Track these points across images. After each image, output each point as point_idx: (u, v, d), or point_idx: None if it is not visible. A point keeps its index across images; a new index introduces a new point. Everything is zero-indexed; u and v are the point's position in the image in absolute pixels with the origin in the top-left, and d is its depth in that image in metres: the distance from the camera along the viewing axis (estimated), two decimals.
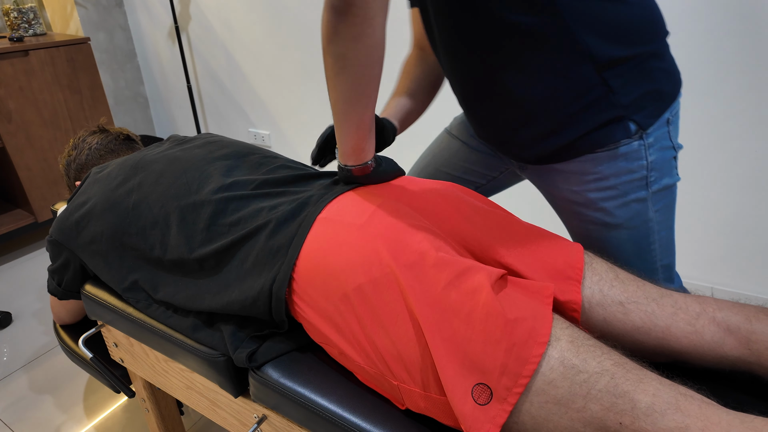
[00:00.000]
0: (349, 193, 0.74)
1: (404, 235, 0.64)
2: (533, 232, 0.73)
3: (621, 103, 0.69)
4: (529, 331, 0.55)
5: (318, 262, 0.65)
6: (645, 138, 0.71)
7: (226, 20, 2.22)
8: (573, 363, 0.54)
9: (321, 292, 0.65)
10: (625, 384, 0.52)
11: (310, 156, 0.80)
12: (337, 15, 0.57)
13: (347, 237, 0.65)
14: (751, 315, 0.63)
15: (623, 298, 0.67)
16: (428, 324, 0.57)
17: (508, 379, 0.54)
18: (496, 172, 0.99)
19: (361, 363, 0.64)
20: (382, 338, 0.61)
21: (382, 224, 0.65)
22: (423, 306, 0.58)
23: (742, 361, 0.63)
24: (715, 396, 0.56)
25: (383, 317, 0.60)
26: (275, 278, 0.67)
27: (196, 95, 2.54)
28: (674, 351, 0.65)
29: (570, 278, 0.68)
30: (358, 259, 0.62)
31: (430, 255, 0.61)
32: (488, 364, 0.55)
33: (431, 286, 0.59)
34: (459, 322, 0.57)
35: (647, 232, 0.78)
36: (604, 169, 0.73)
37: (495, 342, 0.55)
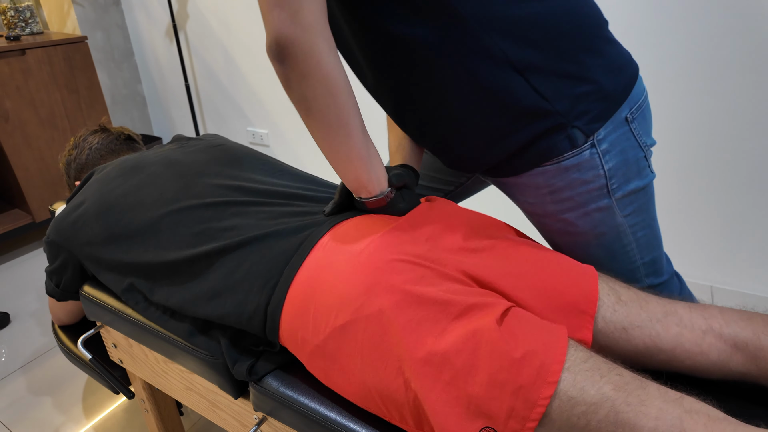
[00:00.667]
0: (354, 219, 0.70)
1: (402, 270, 0.60)
2: (544, 260, 0.68)
3: (557, 110, 0.63)
4: (537, 369, 0.52)
5: (307, 295, 0.62)
6: (598, 145, 0.66)
7: (224, 19, 2.22)
8: (570, 395, 0.51)
9: (310, 326, 0.62)
10: (627, 411, 0.50)
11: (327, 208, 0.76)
12: (279, 63, 0.57)
13: (344, 267, 0.61)
14: (760, 330, 0.61)
15: (626, 324, 0.64)
16: (424, 369, 0.54)
17: (515, 422, 0.52)
18: (463, 178, 0.96)
19: (349, 391, 0.61)
20: (371, 378, 0.58)
21: (382, 256, 0.61)
22: (418, 349, 0.55)
23: (749, 376, 0.62)
24: (721, 402, 0.54)
25: (373, 357, 0.58)
26: (270, 299, 0.65)
27: (194, 94, 2.53)
28: (679, 369, 0.64)
29: (583, 312, 0.63)
30: (351, 294, 0.59)
31: (429, 294, 0.58)
32: (494, 409, 0.52)
33: (429, 326, 0.56)
34: (462, 363, 0.54)
35: (618, 236, 0.74)
36: (557, 182, 0.69)
37: (500, 385, 0.52)
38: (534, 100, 0.63)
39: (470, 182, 0.97)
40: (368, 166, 0.67)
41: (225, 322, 0.69)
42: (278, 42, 0.55)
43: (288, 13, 0.54)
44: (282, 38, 0.55)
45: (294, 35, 0.55)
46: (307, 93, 0.58)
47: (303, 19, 0.55)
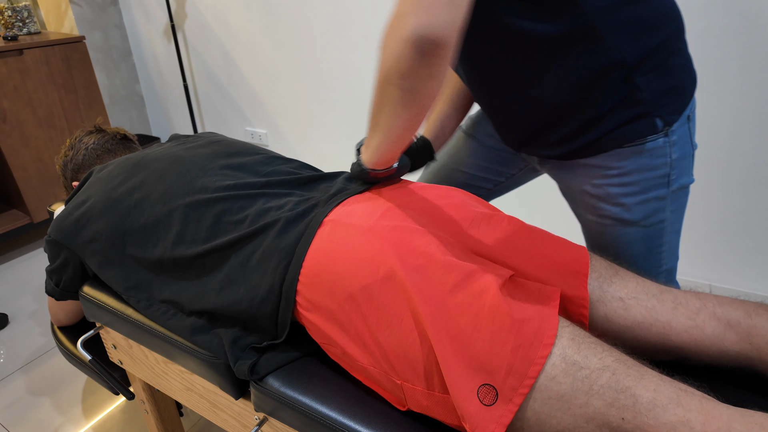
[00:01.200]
0: (357, 196, 0.74)
1: (411, 238, 0.64)
2: (537, 233, 0.73)
3: (647, 100, 0.69)
4: (535, 332, 0.55)
5: (325, 262, 0.65)
6: (670, 135, 0.72)
7: (223, 18, 2.21)
8: (575, 359, 0.54)
9: (327, 292, 0.65)
10: (627, 380, 0.53)
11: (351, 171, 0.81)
12: (420, 55, 0.54)
13: (354, 239, 0.65)
14: (751, 310, 0.64)
15: (623, 294, 0.67)
16: (435, 324, 0.57)
17: (514, 379, 0.54)
18: (515, 169, 0.99)
19: (364, 363, 0.64)
20: (387, 337, 0.61)
21: (389, 227, 0.65)
22: (429, 306, 0.58)
23: (743, 356, 0.63)
24: (716, 392, 0.56)
25: (389, 316, 0.61)
26: (284, 277, 0.67)
27: (192, 94, 2.53)
28: (675, 346, 0.65)
29: (578, 272, 0.68)
30: (364, 260, 0.63)
31: (437, 258, 0.62)
32: (494, 365, 0.55)
33: (438, 287, 0.59)
34: (466, 322, 0.57)
35: (660, 232, 0.78)
36: (628, 164, 0.73)
37: (501, 342, 0.55)
38: (630, 90, 0.69)
39: (521, 173, 1.00)
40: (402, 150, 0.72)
41: (236, 308, 0.70)
42: (434, 39, 0.53)
43: (455, 16, 0.53)
44: (440, 37, 0.53)
45: (450, 40, 0.54)
46: (423, 89, 0.58)
47: (458, 27, 0.55)
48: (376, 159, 0.72)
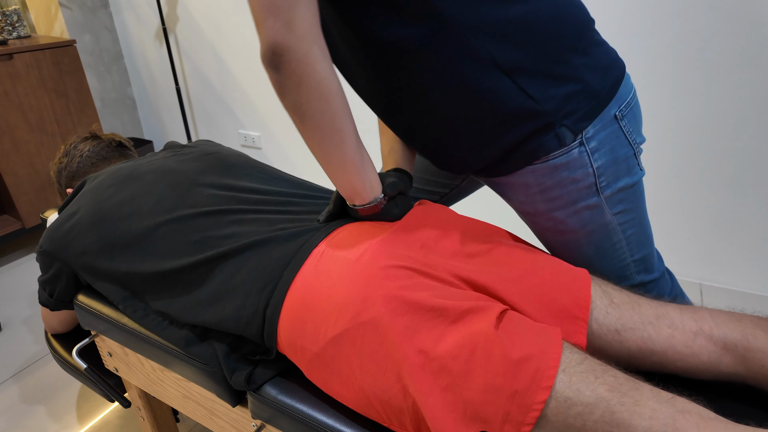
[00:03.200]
0: (350, 225, 0.71)
1: (398, 277, 0.61)
2: (537, 265, 0.69)
3: (545, 110, 0.65)
4: (533, 374, 0.53)
5: (305, 301, 0.63)
6: (586, 143, 0.67)
7: (214, 21, 2.21)
8: (566, 396, 0.52)
9: (309, 334, 0.62)
10: (621, 412, 0.51)
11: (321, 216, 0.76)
12: (273, 70, 0.57)
13: (340, 275, 0.62)
14: (748, 331, 0.63)
15: (619, 326, 0.65)
16: (421, 375, 0.55)
17: (511, 427, 0.53)
18: (458, 179, 0.97)
19: (348, 397, 0.62)
20: (370, 385, 0.59)
21: (378, 263, 0.62)
22: (414, 356, 0.56)
23: (739, 376, 0.63)
24: (711, 402, 0.55)
25: (372, 365, 0.58)
26: (269, 302, 0.66)
27: (184, 97, 2.52)
28: (671, 371, 0.65)
29: (577, 318, 0.64)
30: (348, 302, 0.60)
31: (425, 301, 0.59)
32: (490, 414, 0.53)
33: (426, 333, 0.57)
34: (458, 369, 0.55)
35: (607, 234, 0.75)
36: (547, 180, 0.70)
37: (496, 390, 0.53)
38: (522, 100, 0.64)
39: (465, 183, 0.98)
40: (362, 173, 0.67)
41: (223, 327, 0.69)
42: (273, 50, 0.56)
43: (282, 22, 0.55)
44: (277, 46, 0.55)
45: (288, 43, 0.55)
46: (302, 99, 0.59)
47: (297, 27, 0.55)
48: (341, 191, 0.69)
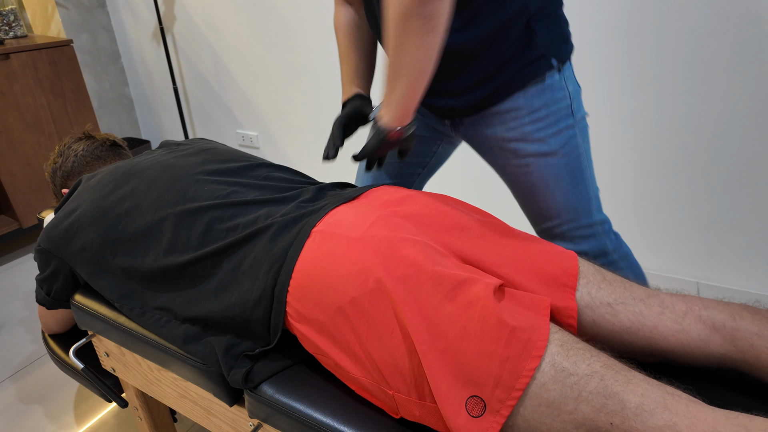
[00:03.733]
0: (346, 205, 0.74)
1: (400, 248, 0.64)
2: (528, 241, 0.74)
3: (542, 44, 0.80)
4: (524, 343, 0.56)
5: (313, 273, 0.65)
6: (563, 71, 0.83)
7: (212, 21, 2.20)
8: (563, 366, 0.55)
9: (316, 305, 0.65)
10: (615, 385, 0.53)
11: (326, 148, 0.89)
12: None
13: (343, 249, 0.65)
14: (735, 313, 0.65)
15: (611, 300, 0.68)
16: (422, 337, 0.58)
17: (502, 391, 0.55)
18: (435, 146, 1.05)
19: (356, 374, 0.64)
20: (377, 349, 0.61)
21: (377, 237, 0.65)
22: (417, 319, 0.59)
23: (728, 358, 0.64)
24: (701, 394, 0.57)
25: (378, 329, 0.61)
26: (276, 281, 0.68)
27: (182, 97, 2.52)
28: (662, 349, 0.67)
29: (566, 285, 0.69)
30: (353, 272, 0.63)
31: (426, 268, 0.62)
32: (482, 377, 0.55)
33: (427, 299, 0.60)
34: (454, 334, 0.57)
35: (579, 158, 0.88)
36: (535, 101, 0.83)
37: (489, 355, 0.55)
38: (530, 35, 0.79)
39: (440, 149, 1.06)
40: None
41: (230, 314, 0.71)
42: None
43: None
44: None
45: None
46: (441, 9, 0.65)
47: None
48: (403, 109, 0.76)
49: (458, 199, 0.82)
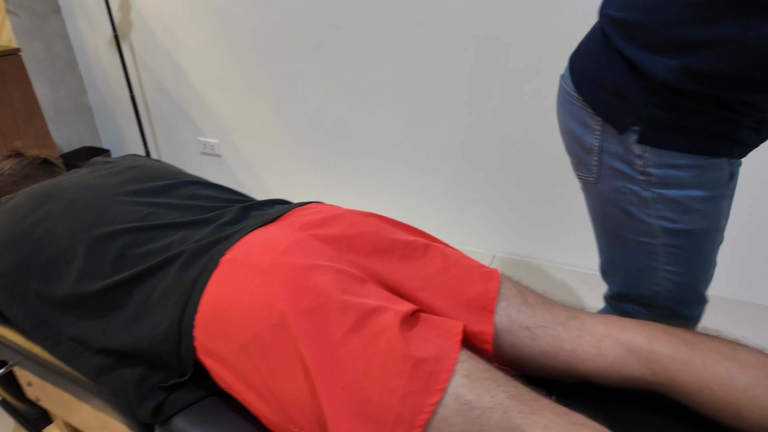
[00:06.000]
0: (264, 228, 0.71)
1: (310, 276, 0.62)
2: (451, 261, 0.72)
3: None
4: (427, 376, 0.54)
5: (219, 307, 0.63)
6: None
7: (169, 27, 2.15)
8: (467, 399, 0.54)
9: (222, 339, 0.62)
10: (518, 417, 0.52)
11: None
12: None
13: (249, 281, 0.63)
14: (652, 335, 0.64)
15: (531, 323, 0.67)
16: (323, 374, 0.56)
17: (401, 428, 0.53)
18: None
19: (263, 411, 0.62)
20: (280, 386, 0.59)
21: (287, 266, 0.63)
22: (318, 354, 0.57)
23: (644, 380, 0.64)
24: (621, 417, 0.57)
25: (281, 366, 0.59)
26: (183, 314, 0.65)
27: (141, 104, 2.46)
28: (581, 373, 0.66)
29: (483, 308, 0.67)
30: (257, 305, 0.61)
31: (334, 298, 0.60)
32: (383, 414, 0.53)
33: (332, 332, 0.58)
34: (358, 369, 0.56)
35: None
36: None
37: (391, 390, 0.54)
38: None
39: None
40: None
41: (140, 348, 0.68)
42: None
43: None
44: None
45: None
46: None
47: None
48: None
49: (389, 218, 0.80)
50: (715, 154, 0.70)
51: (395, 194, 2.04)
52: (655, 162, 0.72)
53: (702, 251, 0.77)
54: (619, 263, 0.84)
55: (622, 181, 0.76)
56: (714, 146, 0.70)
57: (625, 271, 0.84)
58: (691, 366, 0.61)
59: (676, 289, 0.80)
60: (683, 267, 0.78)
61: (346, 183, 2.12)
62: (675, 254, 0.77)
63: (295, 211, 0.78)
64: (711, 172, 0.71)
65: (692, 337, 0.63)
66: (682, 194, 0.72)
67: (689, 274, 0.79)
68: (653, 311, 0.83)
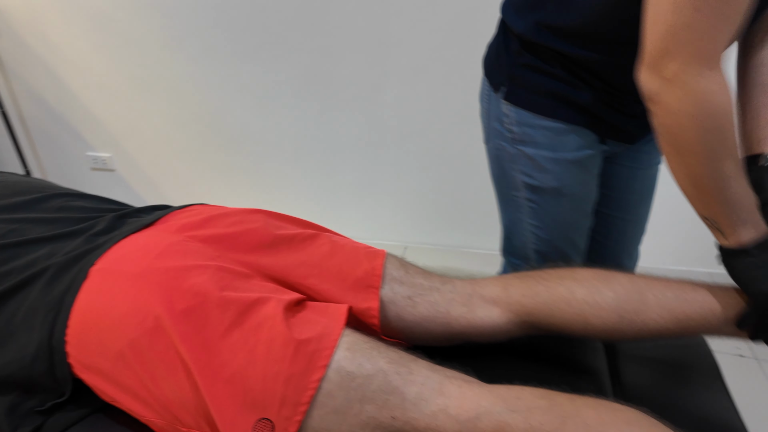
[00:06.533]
0: (138, 234, 0.69)
1: (186, 278, 0.61)
2: (338, 246, 0.74)
3: None
4: (310, 355, 0.56)
5: (90, 318, 0.61)
6: None
7: (42, 35, 1.99)
8: (348, 370, 0.56)
9: (96, 351, 0.60)
10: (397, 379, 0.56)
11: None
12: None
13: (120, 288, 0.61)
14: (507, 283, 0.72)
15: (411, 293, 0.72)
16: (203, 371, 0.56)
17: (288, 409, 0.54)
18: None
19: (149, 417, 0.61)
20: (163, 389, 0.58)
21: (161, 269, 0.62)
22: (198, 353, 0.57)
23: (512, 325, 0.71)
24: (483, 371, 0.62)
25: (161, 369, 0.58)
26: (53, 331, 0.61)
27: (15, 119, 2.24)
28: (458, 332, 0.71)
29: (369, 286, 0.70)
30: (130, 311, 0.59)
31: (213, 296, 0.60)
32: (268, 399, 0.55)
33: (212, 329, 0.58)
34: (240, 361, 0.56)
35: None
36: None
37: (274, 376, 0.55)
38: None
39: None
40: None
41: (8, 372, 0.63)
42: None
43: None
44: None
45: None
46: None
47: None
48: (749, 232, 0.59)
49: (276, 213, 0.80)
50: (564, 120, 0.78)
51: (304, 194, 2.04)
52: (516, 120, 0.80)
53: (558, 212, 0.86)
54: (503, 217, 0.96)
55: (498, 139, 0.85)
56: (562, 112, 0.77)
57: (504, 224, 0.96)
58: (539, 295, 0.69)
59: (539, 243, 0.89)
60: (541, 222, 0.87)
61: (252, 187, 2.08)
62: (534, 209, 0.86)
63: (173, 214, 0.76)
64: (561, 136, 0.79)
65: (540, 272, 0.72)
66: (536, 153, 0.81)
67: (548, 231, 0.88)
68: (527, 264, 0.94)
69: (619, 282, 0.68)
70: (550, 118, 0.78)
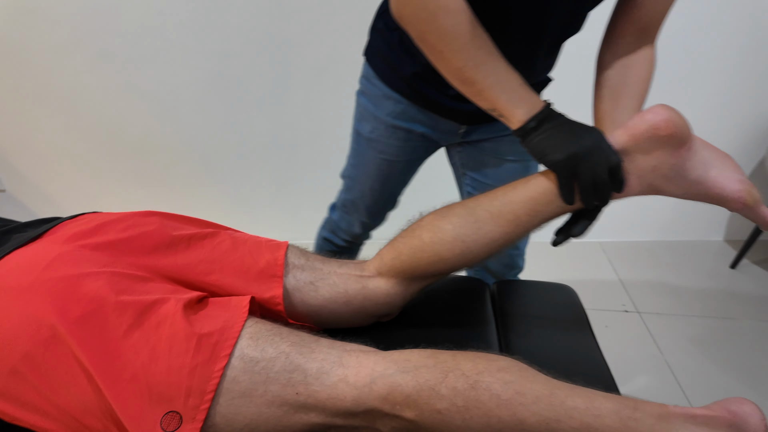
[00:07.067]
0: (23, 249, 0.67)
1: (80, 285, 0.61)
2: (239, 241, 0.76)
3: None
4: (212, 347, 0.58)
5: None
6: None
7: None
8: (251, 356, 0.59)
9: None
10: (299, 358, 0.59)
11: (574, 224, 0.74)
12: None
13: (7, 304, 0.60)
14: (381, 252, 0.78)
15: (312, 278, 0.75)
16: (105, 373, 0.56)
17: (194, 399, 0.56)
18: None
19: (54, 429, 0.60)
20: (64, 398, 0.58)
21: (52, 279, 0.61)
22: (97, 356, 0.57)
23: (398, 286, 0.77)
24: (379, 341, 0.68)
25: (60, 378, 0.58)
26: None
27: None
28: (359, 308, 0.77)
29: (273, 276, 0.73)
30: (21, 325, 0.58)
31: (109, 301, 0.60)
32: (173, 392, 0.56)
33: (110, 332, 0.58)
34: (143, 359, 0.57)
35: None
36: None
37: (178, 369, 0.57)
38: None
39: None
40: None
41: None
42: None
43: None
44: None
45: None
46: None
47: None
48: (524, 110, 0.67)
49: (174, 214, 0.81)
50: (386, 82, 0.90)
51: (219, 199, 2.01)
52: (364, 74, 0.96)
53: (365, 162, 1.02)
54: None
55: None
56: (386, 73, 0.90)
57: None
58: (403, 252, 0.75)
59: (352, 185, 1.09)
60: (354, 161, 1.05)
61: (166, 194, 2.02)
62: (353, 148, 1.05)
63: (62, 225, 0.74)
64: (384, 100, 0.92)
65: (403, 231, 0.79)
66: (362, 101, 0.97)
67: (356, 169, 1.05)
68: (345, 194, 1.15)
69: (454, 213, 0.75)
70: (379, 80, 0.91)
